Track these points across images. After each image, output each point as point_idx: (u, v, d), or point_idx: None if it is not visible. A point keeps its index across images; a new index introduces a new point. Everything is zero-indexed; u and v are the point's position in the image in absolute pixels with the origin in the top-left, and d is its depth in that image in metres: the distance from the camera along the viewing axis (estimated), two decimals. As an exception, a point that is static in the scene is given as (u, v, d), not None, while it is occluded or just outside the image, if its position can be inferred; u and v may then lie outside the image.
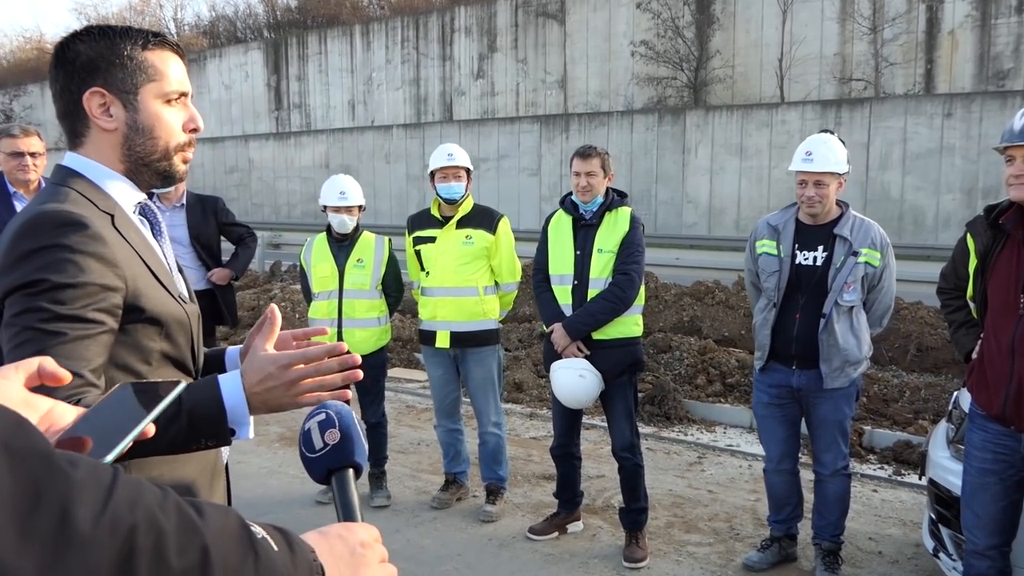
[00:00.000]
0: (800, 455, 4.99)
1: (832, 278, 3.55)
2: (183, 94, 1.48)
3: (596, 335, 3.91)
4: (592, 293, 3.89)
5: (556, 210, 4.16)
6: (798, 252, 3.64)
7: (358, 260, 4.48)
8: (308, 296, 4.66)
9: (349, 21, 31.38)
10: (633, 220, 3.97)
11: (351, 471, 1.03)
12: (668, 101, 23.18)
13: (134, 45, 1.41)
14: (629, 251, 3.90)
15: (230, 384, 1.31)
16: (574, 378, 3.82)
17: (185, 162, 1.50)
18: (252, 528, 0.73)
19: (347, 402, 1.17)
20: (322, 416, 1.06)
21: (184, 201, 4.69)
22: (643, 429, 5.80)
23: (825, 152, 3.55)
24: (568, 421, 4.14)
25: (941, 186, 17.56)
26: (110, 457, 0.81)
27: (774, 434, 3.84)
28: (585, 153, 3.99)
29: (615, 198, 4.03)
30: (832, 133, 3.72)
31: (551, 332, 3.98)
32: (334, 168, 25.19)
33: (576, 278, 3.94)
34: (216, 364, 1.62)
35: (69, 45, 1.42)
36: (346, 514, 0.99)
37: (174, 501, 0.67)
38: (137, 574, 0.61)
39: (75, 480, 0.60)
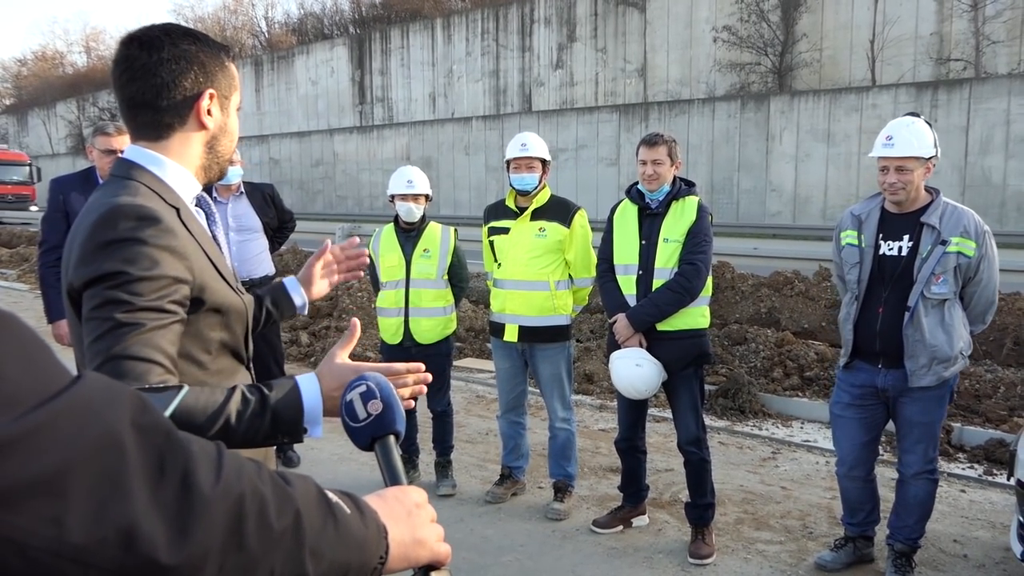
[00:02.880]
0: (883, 452, 4.83)
1: (918, 269, 3.32)
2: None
3: (661, 326, 3.82)
4: (657, 283, 3.81)
5: (622, 199, 4.09)
6: (882, 242, 3.42)
7: (424, 250, 4.51)
8: (376, 285, 4.73)
9: (431, 15, 31.74)
10: (700, 209, 3.86)
11: (392, 437, 1.09)
12: (751, 87, 22.57)
13: (227, 56, 1.53)
14: (696, 240, 3.80)
15: (309, 387, 1.39)
16: (631, 367, 3.75)
17: (231, 164, 1.67)
18: (328, 493, 0.83)
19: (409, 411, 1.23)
20: (363, 388, 1.11)
21: (242, 190, 4.83)
22: (716, 423, 5.69)
23: (908, 136, 3.30)
24: (633, 414, 4.07)
25: (1048, 171, 16.53)
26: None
27: (850, 437, 3.60)
28: (651, 141, 3.90)
29: (682, 187, 3.93)
30: (919, 116, 3.45)
31: (614, 323, 3.92)
32: (415, 160, 25.56)
33: (641, 268, 3.86)
34: (280, 293, 1.84)
35: (177, 42, 1.44)
36: (393, 478, 1.04)
37: (267, 471, 0.76)
38: (247, 534, 0.70)
39: (193, 452, 0.69)
